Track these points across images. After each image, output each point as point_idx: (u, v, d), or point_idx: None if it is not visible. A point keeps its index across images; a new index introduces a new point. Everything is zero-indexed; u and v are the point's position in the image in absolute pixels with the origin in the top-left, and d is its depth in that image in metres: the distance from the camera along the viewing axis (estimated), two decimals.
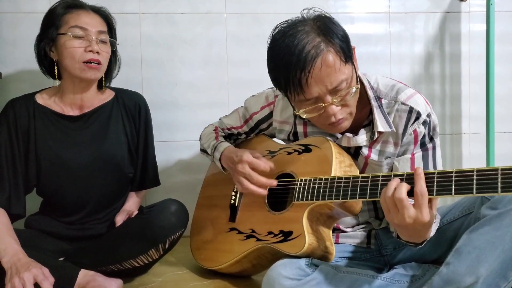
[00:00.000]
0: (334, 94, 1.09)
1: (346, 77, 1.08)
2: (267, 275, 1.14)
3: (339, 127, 1.15)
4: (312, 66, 1.04)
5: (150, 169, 1.59)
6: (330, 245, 1.20)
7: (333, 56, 1.06)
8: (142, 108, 1.55)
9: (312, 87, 1.07)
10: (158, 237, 1.35)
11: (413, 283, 1.13)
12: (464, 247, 1.01)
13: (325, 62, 1.05)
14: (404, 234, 1.03)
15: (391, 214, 0.96)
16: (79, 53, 1.37)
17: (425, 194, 0.92)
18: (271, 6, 1.92)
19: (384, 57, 1.99)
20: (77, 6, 1.41)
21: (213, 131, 1.52)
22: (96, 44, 1.38)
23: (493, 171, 0.86)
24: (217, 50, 1.92)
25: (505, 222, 0.99)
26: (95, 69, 1.39)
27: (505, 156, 2.00)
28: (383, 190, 0.98)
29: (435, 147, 1.19)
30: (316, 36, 1.06)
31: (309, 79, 1.06)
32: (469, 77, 2.03)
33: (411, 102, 1.16)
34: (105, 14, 1.46)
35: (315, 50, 1.04)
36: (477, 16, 2.01)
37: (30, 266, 1.19)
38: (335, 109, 1.10)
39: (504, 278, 0.96)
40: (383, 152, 1.21)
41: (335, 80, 1.06)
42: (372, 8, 1.98)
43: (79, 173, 1.43)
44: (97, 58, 1.38)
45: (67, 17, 1.38)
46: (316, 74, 1.05)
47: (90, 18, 1.40)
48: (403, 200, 0.93)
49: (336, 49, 1.06)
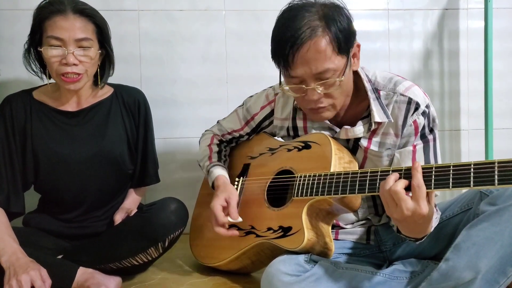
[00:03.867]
0: (318, 80, 1.10)
1: (335, 67, 1.09)
2: (266, 272, 1.14)
3: (319, 115, 1.18)
4: (302, 45, 1.07)
5: (150, 166, 1.58)
6: (329, 241, 1.20)
7: (326, 43, 1.07)
8: (141, 104, 1.53)
9: (297, 65, 1.09)
10: (158, 235, 1.34)
11: (413, 279, 1.13)
12: (463, 243, 1.01)
13: (315, 45, 1.07)
14: (404, 229, 1.03)
15: (390, 208, 0.97)
16: (55, 66, 1.32)
17: (422, 186, 0.93)
18: (270, 3, 1.92)
19: (383, 53, 1.99)
20: (54, 12, 1.31)
21: (207, 147, 1.50)
22: (73, 55, 1.30)
23: (490, 164, 0.88)
24: (216, 47, 1.92)
25: (504, 218, 0.99)
26: (74, 82, 1.34)
27: (503, 152, 2.00)
28: (381, 184, 0.99)
29: (435, 138, 1.20)
30: (317, 20, 1.08)
31: (295, 57, 1.08)
32: (467, 73, 2.03)
33: (409, 93, 1.17)
34: (89, 14, 1.35)
35: (310, 31, 1.07)
36: (475, 13, 2.01)
37: (28, 267, 1.19)
38: (316, 96, 1.12)
39: (503, 273, 0.97)
40: (383, 144, 1.21)
41: (321, 66, 1.08)
42: (371, 5, 1.98)
43: (77, 169, 1.42)
44: (74, 70, 1.32)
45: (45, 24, 1.32)
46: (303, 54, 1.08)
47: (69, 24, 1.31)
48: (399, 192, 0.93)
49: (332, 37, 1.08)
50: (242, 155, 1.49)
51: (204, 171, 1.49)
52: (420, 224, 0.97)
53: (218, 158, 1.47)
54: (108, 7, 1.46)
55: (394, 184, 0.95)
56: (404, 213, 0.93)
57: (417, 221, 0.95)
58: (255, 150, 1.45)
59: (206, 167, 1.45)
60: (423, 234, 1.04)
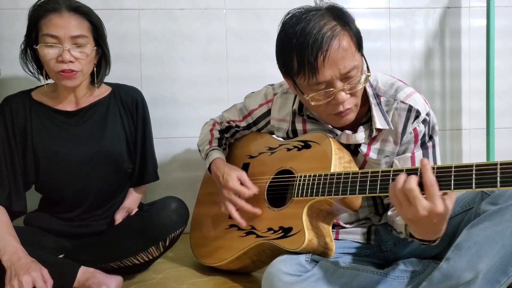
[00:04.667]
0: (345, 80, 1.09)
1: (358, 64, 1.09)
2: (267, 272, 1.14)
3: (345, 118, 1.15)
4: (330, 46, 1.05)
5: (149, 164, 1.58)
6: (330, 241, 1.20)
7: (348, 40, 1.07)
8: (139, 102, 1.54)
9: (326, 69, 1.06)
10: (159, 234, 1.34)
11: (413, 279, 1.13)
12: (464, 243, 1.00)
13: (341, 44, 1.06)
14: (418, 230, 0.97)
15: (403, 208, 0.91)
16: (52, 64, 1.33)
17: (435, 183, 0.88)
18: (271, 2, 1.92)
19: (384, 52, 1.99)
20: (49, 10, 1.32)
21: (209, 131, 1.52)
22: (69, 52, 1.31)
23: (492, 166, 0.86)
24: (216, 46, 1.92)
25: (505, 218, 0.98)
26: (70, 78, 1.34)
27: (505, 151, 2.00)
28: (391, 185, 0.94)
29: (435, 145, 1.19)
30: (332, 20, 1.08)
31: (325, 60, 1.05)
32: (469, 72, 2.03)
33: (410, 101, 1.16)
34: (83, 12, 1.35)
35: (332, 32, 1.05)
36: (477, 11, 2.00)
37: (30, 268, 1.19)
38: (345, 97, 1.10)
39: (504, 273, 0.96)
40: (382, 151, 1.20)
41: (349, 64, 1.07)
42: (372, 3, 1.97)
43: (77, 168, 1.43)
44: (70, 68, 1.32)
45: (41, 22, 1.32)
46: (332, 55, 1.05)
47: (64, 21, 1.31)
48: (414, 190, 0.89)
49: (352, 33, 1.08)
50: (242, 154, 1.49)
51: (202, 154, 1.49)
52: (435, 224, 0.92)
53: (218, 144, 1.49)
54: (108, 6, 1.46)
55: (407, 182, 0.90)
56: (419, 213, 0.88)
57: (432, 220, 0.90)
58: (254, 149, 1.45)
59: (206, 150, 1.46)
60: (437, 235, 0.97)
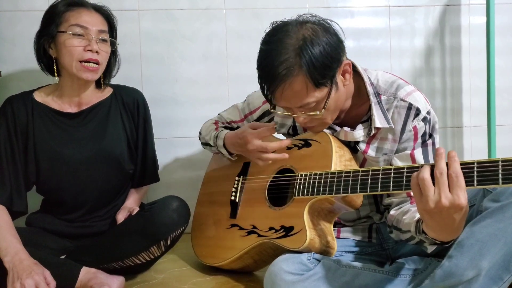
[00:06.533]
0: (302, 108, 1.13)
1: (316, 100, 1.11)
2: (269, 271, 1.14)
3: (313, 130, 1.22)
4: (278, 86, 1.09)
5: (149, 165, 1.59)
6: (332, 240, 1.20)
7: (302, 82, 1.07)
8: (140, 104, 1.54)
9: (281, 100, 1.13)
10: (160, 234, 1.35)
11: (416, 277, 1.13)
12: (467, 240, 1.00)
13: (291, 86, 1.08)
14: (435, 226, 0.92)
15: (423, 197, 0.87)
16: (77, 52, 1.36)
17: (460, 175, 0.85)
18: (271, 1, 1.92)
19: (384, 51, 1.99)
20: (78, 4, 1.40)
21: (213, 123, 1.53)
22: (96, 43, 1.37)
23: (493, 163, 0.85)
24: (217, 46, 1.92)
25: (508, 215, 0.98)
26: (93, 71, 1.38)
27: (506, 148, 1.99)
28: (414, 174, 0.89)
29: (434, 143, 1.19)
30: (293, 56, 1.06)
31: (275, 96, 1.12)
32: (469, 70, 2.02)
33: (410, 99, 1.16)
34: (106, 13, 1.45)
35: (287, 71, 1.07)
36: (477, 9, 2.00)
37: (32, 271, 1.19)
38: (304, 120, 1.16)
39: (507, 270, 0.96)
40: (380, 149, 1.20)
41: (300, 102, 1.11)
42: (372, 2, 1.97)
43: (79, 169, 1.43)
44: (96, 57, 1.37)
45: (67, 15, 1.37)
46: (278, 94, 1.11)
47: (91, 17, 1.39)
48: (443, 174, 0.85)
49: (308, 75, 1.06)
50: None
51: (210, 142, 1.48)
52: (454, 219, 0.88)
53: (224, 127, 1.51)
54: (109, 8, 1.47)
55: (438, 167, 0.86)
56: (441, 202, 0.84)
57: (452, 213, 0.86)
58: None
59: (214, 136, 1.46)
60: (455, 233, 0.94)
